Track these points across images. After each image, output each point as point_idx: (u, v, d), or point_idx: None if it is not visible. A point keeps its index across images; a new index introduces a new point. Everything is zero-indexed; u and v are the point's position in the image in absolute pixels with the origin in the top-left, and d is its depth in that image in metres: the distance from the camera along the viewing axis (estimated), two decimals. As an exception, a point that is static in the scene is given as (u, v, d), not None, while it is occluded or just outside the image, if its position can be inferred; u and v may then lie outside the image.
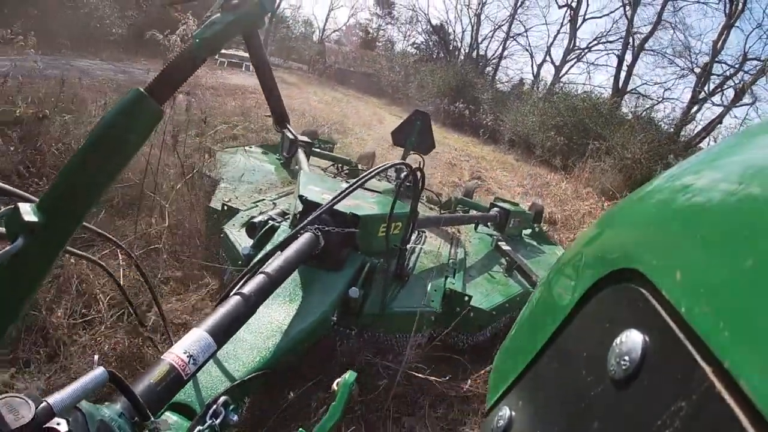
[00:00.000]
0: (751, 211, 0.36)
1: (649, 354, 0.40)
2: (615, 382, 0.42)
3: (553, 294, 0.66)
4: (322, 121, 10.80)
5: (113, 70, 11.08)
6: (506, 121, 20.37)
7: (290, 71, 29.17)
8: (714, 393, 0.32)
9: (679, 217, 0.44)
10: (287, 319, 2.04)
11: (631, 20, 28.75)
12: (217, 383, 1.62)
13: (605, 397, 0.43)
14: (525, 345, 0.66)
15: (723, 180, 0.42)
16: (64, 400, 0.82)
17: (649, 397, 0.38)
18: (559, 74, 32.71)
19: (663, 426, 0.35)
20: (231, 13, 1.44)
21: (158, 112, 1.35)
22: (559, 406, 0.52)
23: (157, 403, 1.12)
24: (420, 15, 39.83)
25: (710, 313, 0.34)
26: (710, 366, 0.33)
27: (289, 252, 1.95)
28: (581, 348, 0.51)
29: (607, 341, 0.44)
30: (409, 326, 2.50)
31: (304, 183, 2.85)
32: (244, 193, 3.76)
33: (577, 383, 0.48)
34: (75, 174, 1.28)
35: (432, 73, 26.54)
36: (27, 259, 1.19)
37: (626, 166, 14.54)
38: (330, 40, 41.90)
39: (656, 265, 0.42)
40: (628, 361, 0.40)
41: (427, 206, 4.92)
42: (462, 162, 11.82)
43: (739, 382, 0.30)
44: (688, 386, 0.34)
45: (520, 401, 0.61)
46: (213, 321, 1.38)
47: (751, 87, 23.85)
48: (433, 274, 3.03)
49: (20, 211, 1.17)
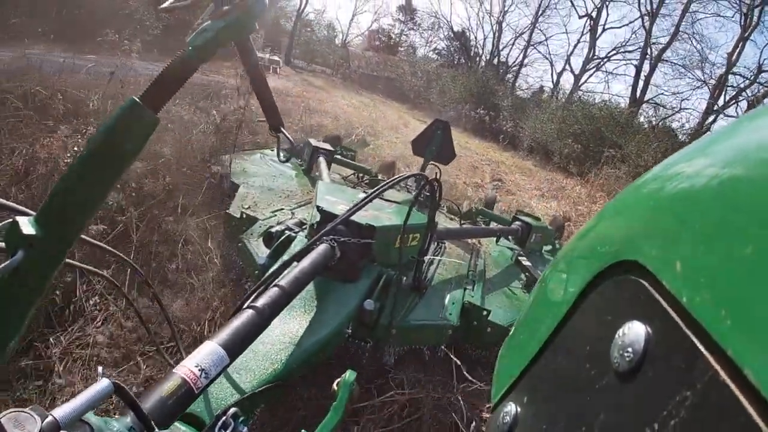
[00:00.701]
0: (743, 196, 0.36)
1: (652, 345, 0.39)
2: (619, 374, 0.42)
3: (555, 288, 0.66)
4: (356, 124, 11.65)
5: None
6: (525, 128, 20.98)
7: (315, 74, 29.82)
8: (718, 382, 0.32)
9: (676, 206, 0.44)
10: (301, 331, 2.03)
11: (649, 31, 29.75)
12: (228, 394, 1.62)
13: (610, 390, 0.43)
14: (528, 340, 0.66)
15: (711, 165, 0.42)
16: (69, 414, 0.82)
17: (653, 388, 0.38)
18: (578, 83, 33.34)
19: (668, 416, 0.34)
20: (222, 20, 1.45)
21: (153, 120, 1.35)
22: (564, 400, 0.52)
23: (167, 417, 1.12)
24: (442, 21, 40.43)
25: (711, 302, 0.34)
26: (713, 355, 0.33)
27: (305, 264, 1.94)
28: (584, 341, 0.51)
29: (609, 334, 0.44)
30: (426, 339, 2.50)
31: (322, 193, 2.85)
32: (264, 200, 3.74)
33: (581, 377, 0.48)
34: (71, 186, 1.28)
35: (454, 79, 27.34)
36: (27, 272, 1.19)
37: (640, 174, 14.97)
38: (353, 44, 42.51)
39: (656, 256, 0.42)
40: (631, 353, 0.40)
41: (447, 216, 4.87)
42: (483, 165, 12.53)
43: (743, 370, 0.30)
44: (692, 376, 0.34)
45: (525, 397, 0.61)
46: (226, 334, 1.38)
47: (764, 99, 24.26)
48: (451, 286, 3.00)
49: (19, 224, 1.17)
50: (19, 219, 1.19)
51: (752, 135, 0.43)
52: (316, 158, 4.72)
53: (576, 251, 0.64)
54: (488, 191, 6.95)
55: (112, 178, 1.34)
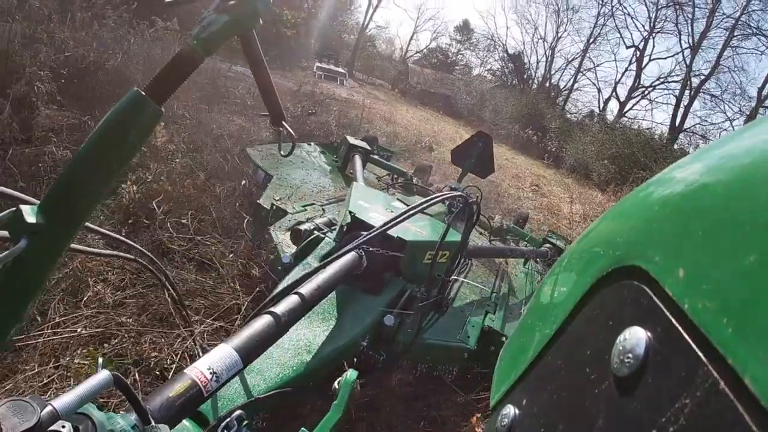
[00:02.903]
0: (747, 203, 0.36)
1: (653, 351, 0.39)
2: (619, 379, 0.42)
3: (556, 291, 0.66)
4: (423, 134, 13.85)
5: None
6: (568, 149, 22.58)
7: (375, 87, 31.22)
8: (718, 389, 0.32)
9: (679, 212, 0.44)
10: (317, 338, 2.01)
11: (690, 65, 31.02)
12: (235, 396, 1.61)
13: (609, 395, 0.43)
14: (528, 342, 0.65)
15: (714, 172, 0.42)
16: (68, 404, 0.82)
17: (653, 394, 0.38)
18: (622, 110, 34.81)
19: (667, 423, 0.35)
20: (227, 13, 1.45)
21: (157, 112, 1.35)
22: (563, 404, 0.52)
23: (173, 417, 1.12)
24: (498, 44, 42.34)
25: (713, 310, 0.34)
26: (714, 362, 0.33)
27: (330, 271, 1.91)
28: (584, 346, 0.51)
29: (610, 339, 0.44)
30: (441, 359, 2.47)
31: (355, 197, 2.80)
32: (296, 193, 3.73)
33: (580, 381, 0.48)
34: (75, 175, 1.28)
35: (506, 99, 29.02)
36: (30, 260, 1.19)
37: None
38: (411, 60, 44.27)
39: (658, 262, 0.42)
40: (631, 358, 0.40)
41: (477, 230, 4.74)
42: (525, 176, 14.46)
43: (743, 379, 0.30)
44: (692, 383, 0.34)
45: (524, 399, 0.61)
46: (242, 339, 1.37)
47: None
48: (473, 308, 2.95)
49: (23, 212, 1.18)
50: (22, 207, 1.19)
51: (755, 142, 0.43)
52: (351, 156, 4.71)
53: (578, 255, 0.63)
54: (521, 210, 6.90)
55: (115, 169, 1.34)
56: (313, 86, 11.49)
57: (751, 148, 0.42)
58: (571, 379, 0.52)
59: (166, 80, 1.41)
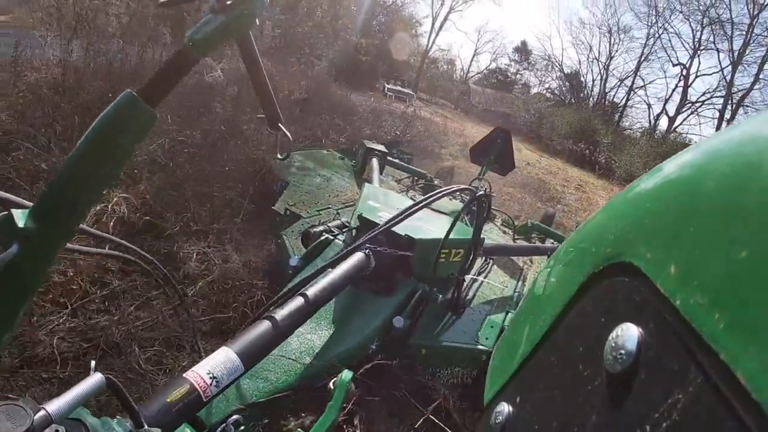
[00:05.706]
0: (739, 199, 0.36)
1: (645, 347, 0.40)
2: (611, 375, 0.42)
3: (549, 288, 0.66)
4: None
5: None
6: (617, 161, 24.47)
7: (439, 106, 32.15)
8: (710, 384, 0.32)
9: (671, 208, 0.44)
10: (322, 341, 1.96)
11: (731, 81, 32.85)
12: (234, 399, 1.57)
13: (602, 391, 0.43)
14: (521, 339, 0.65)
15: (707, 168, 0.42)
16: (61, 408, 0.81)
17: (646, 390, 0.38)
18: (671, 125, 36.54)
19: (660, 418, 0.35)
20: (222, 14, 1.41)
21: (151, 115, 1.32)
22: (556, 400, 0.52)
23: (171, 423, 1.09)
24: (554, 64, 44.20)
25: (705, 305, 0.34)
26: (706, 357, 0.33)
27: (337, 273, 1.84)
28: (577, 342, 0.51)
29: (603, 335, 0.44)
30: (457, 363, 2.34)
31: (365, 198, 2.76)
32: (312, 198, 3.70)
33: (574, 377, 0.48)
34: (67, 179, 1.25)
35: (561, 117, 30.66)
36: (22, 266, 1.16)
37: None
38: (472, 81, 45.75)
39: (650, 258, 0.42)
40: (624, 354, 0.40)
41: (501, 229, 4.68)
42: (573, 180, 16.21)
43: (735, 373, 0.30)
44: (685, 378, 0.34)
45: (518, 396, 0.61)
46: (244, 342, 1.33)
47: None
48: (492, 308, 2.83)
49: (14, 217, 1.15)
50: (14, 211, 1.16)
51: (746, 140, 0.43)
52: (369, 159, 4.64)
53: (571, 251, 0.63)
54: (548, 209, 6.74)
55: (109, 173, 1.31)
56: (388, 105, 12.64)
57: (742, 145, 0.42)
58: (564, 375, 0.52)
59: (160, 82, 1.38)
